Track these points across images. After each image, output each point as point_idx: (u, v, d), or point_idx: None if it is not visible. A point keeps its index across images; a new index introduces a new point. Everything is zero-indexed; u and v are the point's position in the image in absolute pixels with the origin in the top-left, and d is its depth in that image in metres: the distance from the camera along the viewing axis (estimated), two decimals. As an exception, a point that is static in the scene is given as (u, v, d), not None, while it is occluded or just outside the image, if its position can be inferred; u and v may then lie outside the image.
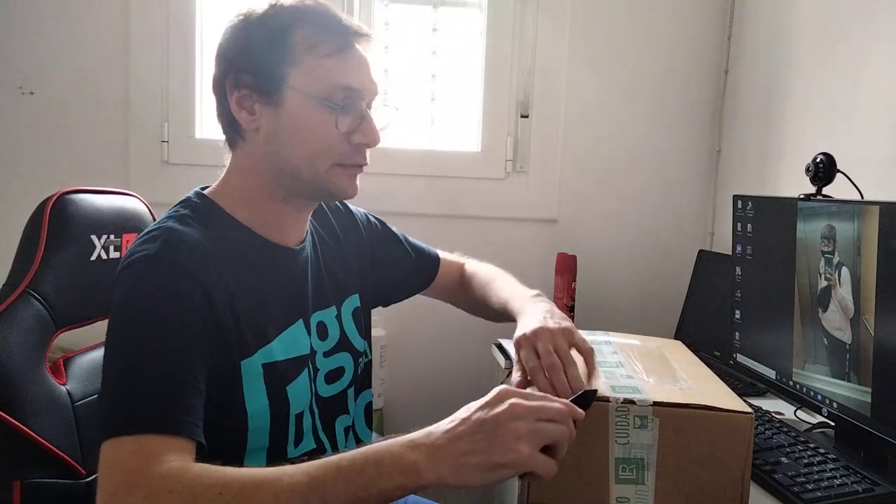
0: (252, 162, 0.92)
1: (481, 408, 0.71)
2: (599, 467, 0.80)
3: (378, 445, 0.69)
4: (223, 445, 0.81)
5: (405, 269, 1.22)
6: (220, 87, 0.91)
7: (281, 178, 0.91)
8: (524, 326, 0.93)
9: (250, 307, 0.88)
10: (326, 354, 1.01)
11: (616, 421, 0.80)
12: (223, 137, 0.95)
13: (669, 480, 0.80)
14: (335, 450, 1.00)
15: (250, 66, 0.88)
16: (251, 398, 0.87)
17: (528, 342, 0.89)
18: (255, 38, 0.88)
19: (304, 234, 1.00)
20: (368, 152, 0.94)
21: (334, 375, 1.03)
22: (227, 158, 0.96)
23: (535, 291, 1.09)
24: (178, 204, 0.92)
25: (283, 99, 0.87)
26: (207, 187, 0.96)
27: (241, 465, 0.73)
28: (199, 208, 0.91)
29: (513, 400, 0.70)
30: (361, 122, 0.91)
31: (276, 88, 0.87)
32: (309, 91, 0.87)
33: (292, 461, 0.88)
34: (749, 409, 0.82)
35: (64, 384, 0.99)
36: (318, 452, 0.96)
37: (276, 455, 0.90)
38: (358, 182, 0.95)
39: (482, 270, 1.26)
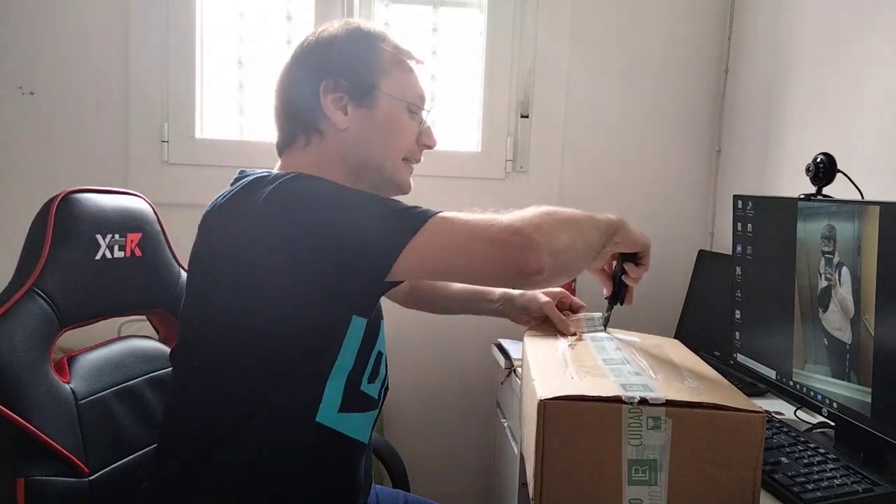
0: (328, 157, 1.02)
1: None
2: (612, 469, 0.80)
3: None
4: (319, 350, 0.91)
5: None
6: (312, 91, 1.00)
7: (359, 172, 1.03)
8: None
9: None
10: None
11: (629, 422, 0.80)
12: (280, 140, 1.05)
13: (682, 480, 0.80)
14: (377, 407, 1.04)
15: (347, 72, 1.00)
16: (362, 312, 0.96)
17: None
18: (350, 49, 1.02)
19: None
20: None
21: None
22: (283, 158, 1.05)
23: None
24: (258, 175, 0.94)
25: (377, 102, 1.02)
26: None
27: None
28: None
29: None
30: (425, 126, 1.09)
31: (369, 93, 1.01)
32: (399, 97, 1.03)
33: (364, 395, 0.99)
34: (761, 408, 0.82)
35: (68, 382, 0.99)
36: (372, 407, 1.01)
37: (352, 385, 0.95)
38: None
39: None
